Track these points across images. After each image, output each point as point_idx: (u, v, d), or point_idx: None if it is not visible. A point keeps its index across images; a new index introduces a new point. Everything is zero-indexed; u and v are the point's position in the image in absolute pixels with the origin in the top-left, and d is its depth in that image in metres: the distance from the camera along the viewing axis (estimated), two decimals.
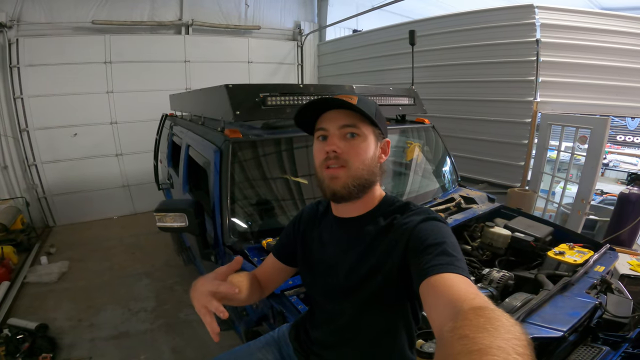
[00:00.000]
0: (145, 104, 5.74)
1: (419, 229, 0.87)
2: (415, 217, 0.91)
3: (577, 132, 3.87)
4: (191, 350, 2.84)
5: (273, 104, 2.24)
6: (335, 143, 0.92)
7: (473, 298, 0.62)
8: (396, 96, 2.90)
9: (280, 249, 1.21)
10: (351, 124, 0.93)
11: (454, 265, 0.74)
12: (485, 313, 0.53)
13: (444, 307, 0.65)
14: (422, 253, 0.80)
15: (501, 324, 0.50)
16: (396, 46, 5.45)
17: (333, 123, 0.94)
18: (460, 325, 0.52)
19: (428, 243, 0.81)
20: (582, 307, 1.52)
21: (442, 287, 0.70)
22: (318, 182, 0.98)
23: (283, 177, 2.32)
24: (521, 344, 0.47)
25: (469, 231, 2.50)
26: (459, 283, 0.69)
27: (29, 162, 5.30)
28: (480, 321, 0.51)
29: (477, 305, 0.58)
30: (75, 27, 5.35)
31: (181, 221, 2.09)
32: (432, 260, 0.77)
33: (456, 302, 0.62)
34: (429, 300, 0.72)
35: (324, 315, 1.10)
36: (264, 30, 7.02)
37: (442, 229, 0.87)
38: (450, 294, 0.66)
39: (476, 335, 0.48)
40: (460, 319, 0.54)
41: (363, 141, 0.94)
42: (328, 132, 0.94)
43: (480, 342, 0.46)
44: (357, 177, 0.93)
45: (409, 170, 2.83)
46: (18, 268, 4.08)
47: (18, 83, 5.00)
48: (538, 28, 3.94)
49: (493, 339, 0.46)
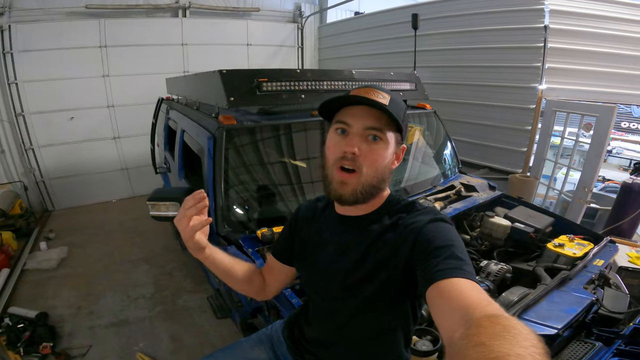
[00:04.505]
0: (142, 87, 5.67)
1: (426, 230, 0.84)
2: (421, 217, 0.88)
3: (582, 120, 3.80)
4: (189, 338, 2.86)
5: (269, 89, 2.18)
6: (357, 144, 0.86)
7: (486, 305, 0.60)
8: (397, 81, 2.82)
9: (279, 249, 1.18)
10: (377, 127, 0.86)
11: (463, 270, 0.72)
12: (501, 321, 0.51)
13: (454, 313, 0.63)
14: (430, 255, 0.78)
15: (518, 331, 0.48)
16: (399, 29, 5.32)
17: (359, 121, 0.87)
18: (475, 332, 0.50)
19: (436, 245, 0.79)
20: (578, 303, 1.50)
21: (452, 292, 0.68)
22: (324, 178, 0.93)
23: (278, 165, 2.28)
24: (539, 352, 0.45)
25: (468, 220, 2.47)
26: (469, 289, 0.68)
27: (26, 146, 5.28)
28: (497, 329, 0.49)
29: (491, 313, 0.56)
30: (68, 12, 5.24)
31: (175, 210, 2.05)
32: (440, 263, 0.75)
33: (468, 308, 0.61)
34: (437, 306, 0.70)
35: (320, 313, 1.08)
36: (263, 12, 6.85)
37: (449, 230, 0.84)
38: (461, 300, 0.65)
39: (493, 342, 0.46)
40: (474, 326, 0.52)
41: (383, 148, 0.88)
42: (351, 129, 0.87)
43: (498, 349, 0.45)
44: (366, 185, 0.88)
45: (408, 155, 2.78)
46: (17, 254, 4.10)
47: (12, 69, 4.95)
48: (547, 14, 3.84)
49: (511, 347, 0.45)
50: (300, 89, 2.26)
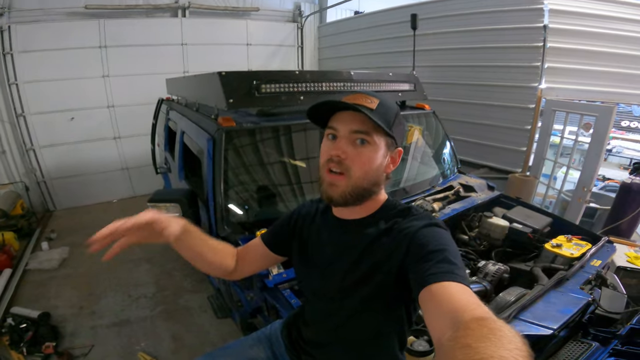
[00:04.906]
0: (142, 87, 5.67)
1: (420, 234, 0.85)
2: (416, 222, 0.89)
3: (581, 119, 3.81)
4: (190, 337, 2.88)
5: (268, 91, 2.19)
6: (342, 148, 0.89)
7: (474, 309, 0.62)
8: (396, 82, 2.83)
9: (271, 236, 1.19)
10: (363, 130, 0.88)
11: (454, 274, 0.73)
12: (488, 323, 0.53)
13: (444, 316, 0.65)
14: (423, 259, 0.79)
15: (503, 334, 0.50)
16: (399, 29, 5.31)
17: (345, 126, 0.89)
18: (462, 334, 0.52)
19: (429, 249, 0.80)
20: (574, 303, 1.51)
21: (442, 295, 0.70)
22: (319, 180, 0.96)
23: (278, 166, 2.29)
24: (523, 355, 0.47)
25: (466, 220, 2.47)
26: (460, 292, 0.69)
27: (27, 146, 5.29)
28: (483, 331, 0.51)
29: (479, 315, 0.58)
30: (68, 13, 5.25)
31: (175, 211, 2.07)
32: (432, 267, 0.76)
33: (457, 311, 0.62)
34: (429, 309, 0.71)
35: (317, 315, 1.10)
36: (263, 12, 6.84)
37: (443, 235, 0.85)
38: (451, 303, 0.66)
39: (478, 344, 0.48)
40: (462, 329, 0.54)
41: (372, 151, 0.90)
42: (338, 133, 0.90)
43: (483, 351, 0.46)
44: (356, 187, 0.90)
45: (407, 155, 2.78)
46: (19, 255, 4.12)
47: (12, 69, 4.96)
48: (546, 13, 3.83)
49: (496, 349, 0.46)
50: (299, 90, 2.27)
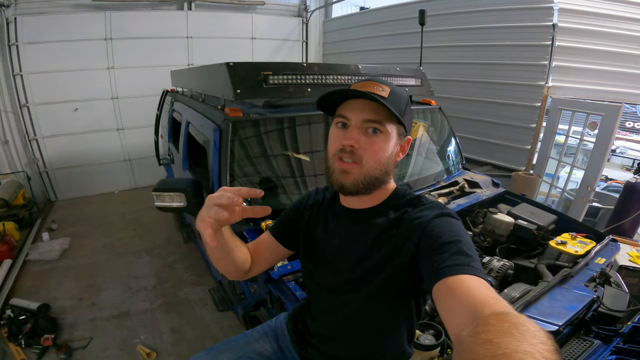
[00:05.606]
0: (146, 79, 5.68)
1: (433, 224, 0.82)
2: (427, 212, 0.86)
3: (587, 118, 3.79)
4: (190, 330, 2.87)
5: (275, 82, 2.18)
6: (355, 137, 0.85)
7: (494, 303, 0.59)
8: (403, 77, 2.81)
9: (279, 227, 1.15)
10: (376, 120, 0.85)
11: (471, 267, 0.71)
12: (509, 318, 0.51)
13: (462, 311, 0.62)
14: (437, 251, 0.76)
15: (526, 329, 0.48)
16: (405, 25, 5.30)
17: (357, 114, 0.86)
18: (483, 330, 0.50)
19: (443, 241, 0.77)
20: (579, 300, 1.50)
21: (460, 289, 0.67)
22: (326, 170, 0.92)
23: (283, 158, 2.28)
24: (548, 349, 0.45)
25: (471, 216, 2.47)
26: (478, 286, 0.66)
27: (30, 136, 5.30)
28: (505, 326, 0.49)
29: (499, 310, 0.56)
30: (74, 5, 5.24)
31: (179, 201, 2.05)
32: (447, 259, 0.73)
33: (476, 306, 0.60)
34: (445, 302, 0.69)
35: (324, 307, 1.07)
36: (268, 6, 6.82)
37: (456, 226, 0.83)
38: (469, 298, 0.64)
39: (501, 340, 0.46)
40: (482, 324, 0.52)
41: (384, 140, 0.87)
42: (349, 122, 0.87)
43: (505, 346, 0.45)
44: (368, 176, 0.87)
45: (412, 150, 2.77)
46: (20, 245, 4.11)
47: (17, 60, 4.96)
48: (556, 12, 3.83)
49: (519, 344, 0.45)
50: (306, 82, 2.26)
